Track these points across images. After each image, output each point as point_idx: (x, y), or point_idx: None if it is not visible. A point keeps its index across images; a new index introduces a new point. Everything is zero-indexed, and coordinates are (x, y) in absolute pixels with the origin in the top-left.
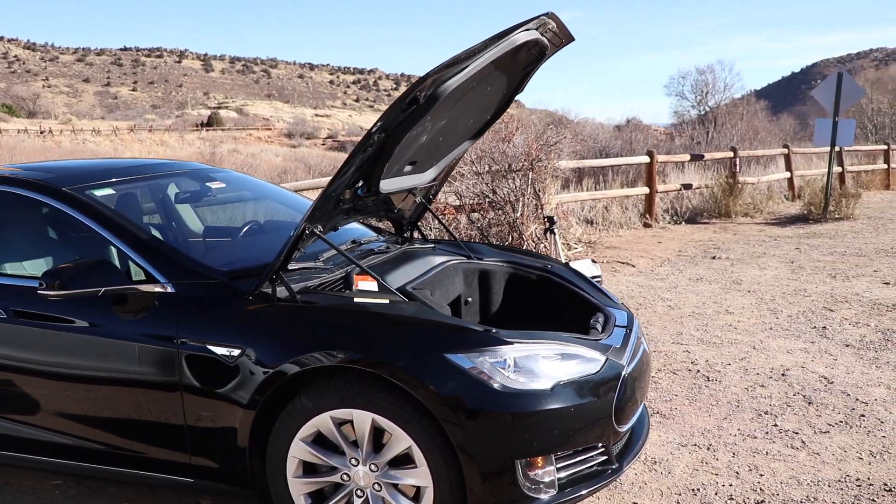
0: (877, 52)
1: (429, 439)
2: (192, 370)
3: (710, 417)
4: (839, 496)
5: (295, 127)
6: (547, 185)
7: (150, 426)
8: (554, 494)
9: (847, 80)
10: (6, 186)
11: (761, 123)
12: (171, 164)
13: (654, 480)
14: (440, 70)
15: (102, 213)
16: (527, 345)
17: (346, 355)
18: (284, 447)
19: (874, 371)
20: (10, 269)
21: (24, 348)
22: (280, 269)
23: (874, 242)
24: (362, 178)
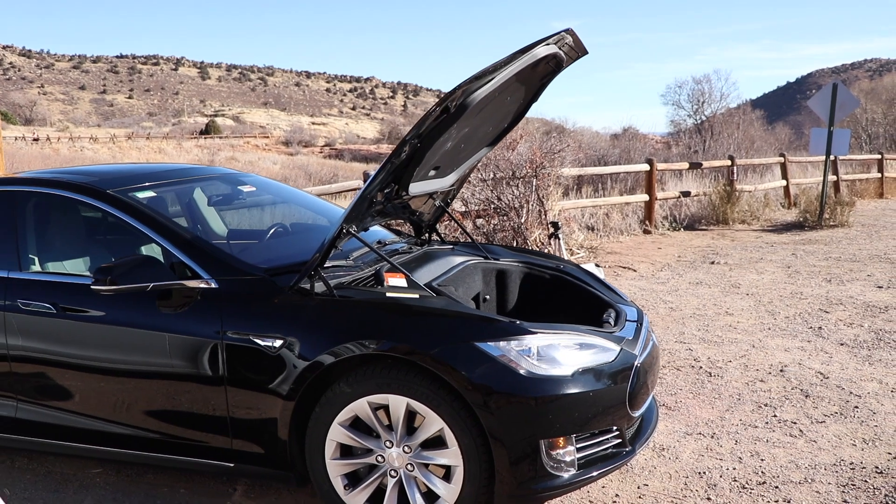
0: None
1: (460, 421)
2: (235, 360)
3: (713, 409)
4: (834, 478)
5: (292, 135)
6: (550, 192)
7: (194, 414)
8: (574, 473)
9: (842, 90)
10: (51, 189)
11: (757, 132)
12: (203, 168)
13: (662, 465)
14: (469, 82)
15: (146, 213)
16: (548, 335)
17: (383, 344)
18: (323, 431)
19: (867, 367)
20: (56, 268)
21: (72, 341)
22: (318, 266)
23: (868, 249)
24: (394, 181)
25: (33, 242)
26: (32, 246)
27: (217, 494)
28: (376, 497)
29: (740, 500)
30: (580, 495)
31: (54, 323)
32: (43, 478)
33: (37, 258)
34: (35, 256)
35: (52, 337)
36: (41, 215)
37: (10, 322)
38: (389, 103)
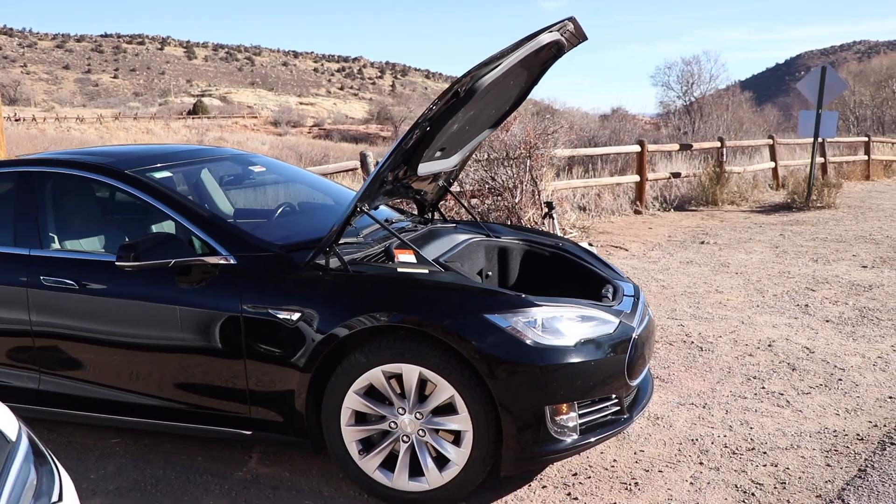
0: (860, 44)
1: (469, 389)
2: (254, 333)
3: (705, 381)
4: (819, 444)
5: (280, 115)
6: (544, 173)
7: (213, 385)
8: (576, 438)
9: (830, 73)
10: (69, 169)
11: (746, 114)
12: (214, 149)
13: (657, 433)
14: (478, 68)
15: (165, 192)
16: (552, 308)
17: (396, 316)
18: (339, 399)
19: (851, 343)
20: (76, 245)
21: (94, 316)
22: (334, 243)
23: (854, 230)
24: (404, 162)
25: (53, 221)
26: (52, 224)
27: (233, 461)
28: (389, 461)
29: (731, 465)
30: (580, 460)
31: (76, 298)
32: (64, 447)
33: (57, 236)
34: (55, 234)
35: (74, 311)
36: (60, 195)
37: (32, 298)
38: (378, 83)
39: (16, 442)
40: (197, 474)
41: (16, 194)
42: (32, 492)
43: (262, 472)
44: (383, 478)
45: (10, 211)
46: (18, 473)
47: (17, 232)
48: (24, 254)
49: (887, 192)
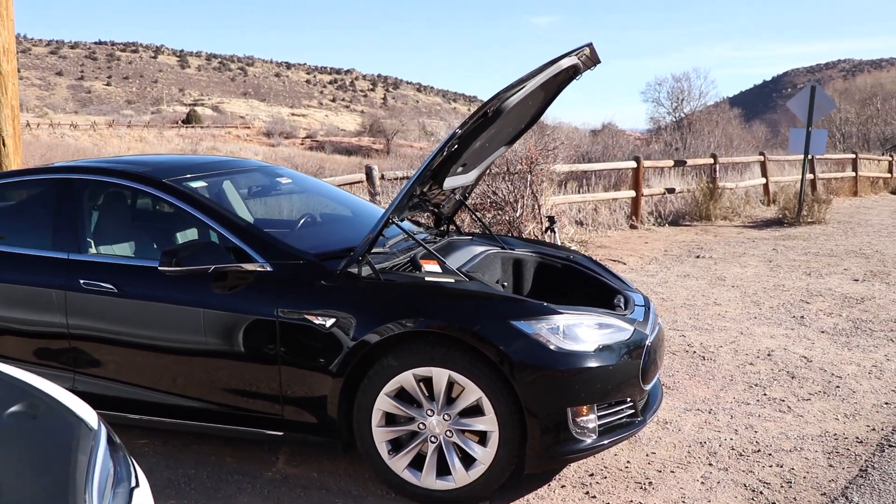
0: (845, 62)
1: (496, 391)
2: (289, 337)
3: (709, 389)
4: (820, 446)
5: (273, 126)
6: (544, 188)
7: (248, 387)
8: (595, 439)
9: (819, 92)
10: (107, 177)
11: (735, 130)
12: (242, 161)
13: (667, 436)
14: (505, 90)
15: (202, 201)
16: (573, 315)
17: (428, 322)
18: (371, 401)
19: (846, 352)
20: (113, 250)
21: (131, 319)
22: (367, 252)
23: (844, 244)
24: (432, 177)
25: (91, 227)
26: (91, 230)
27: (261, 462)
28: (416, 462)
29: (739, 466)
30: (595, 461)
31: (115, 301)
32: None
33: (96, 241)
34: (94, 240)
35: (111, 314)
36: (99, 202)
37: (70, 300)
38: (370, 96)
39: (97, 430)
40: (227, 474)
41: (54, 200)
42: (112, 479)
43: (290, 473)
44: (412, 477)
45: (48, 216)
46: (103, 461)
47: (55, 236)
48: (62, 258)
49: (875, 208)
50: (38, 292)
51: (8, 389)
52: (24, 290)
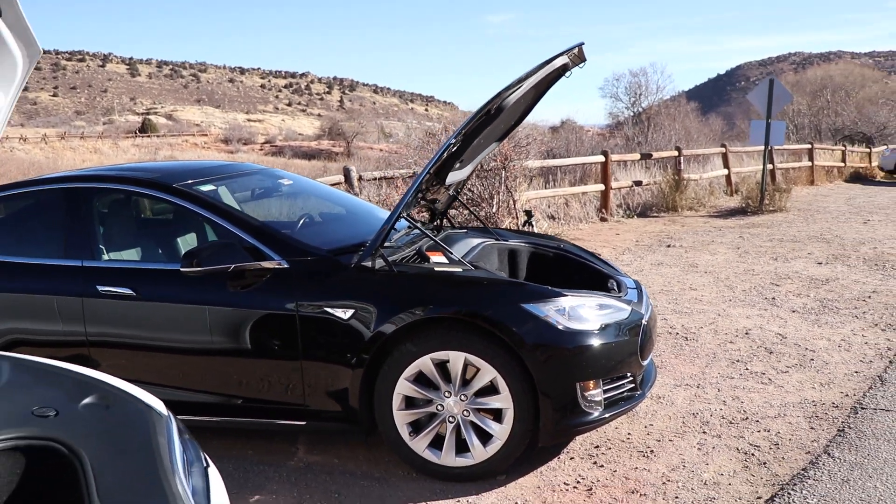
0: (795, 55)
1: (511, 371)
2: (310, 330)
3: (695, 366)
4: (801, 412)
5: (231, 132)
6: (518, 183)
7: (271, 380)
8: (601, 411)
9: (778, 85)
10: (116, 184)
11: (693, 124)
12: (244, 165)
13: (661, 409)
14: (506, 89)
15: (214, 204)
16: (576, 297)
17: (444, 309)
18: (391, 386)
19: (817, 329)
20: (128, 255)
21: (152, 320)
22: (380, 246)
23: (806, 231)
24: (436, 174)
25: (104, 234)
26: (103, 237)
27: (282, 453)
28: (436, 441)
29: (730, 432)
30: (598, 435)
31: (133, 305)
32: None
33: (110, 248)
34: (108, 246)
35: (130, 317)
36: (110, 209)
37: (88, 307)
38: (326, 99)
39: (167, 416)
40: (252, 465)
41: (65, 209)
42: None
43: (312, 461)
44: (432, 456)
45: (59, 225)
46: (179, 444)
47: (67, 245)
48: (76, 265)
49: (831, 196)
50: (53, 300)
51: (76, 384)
52: (39, 300)
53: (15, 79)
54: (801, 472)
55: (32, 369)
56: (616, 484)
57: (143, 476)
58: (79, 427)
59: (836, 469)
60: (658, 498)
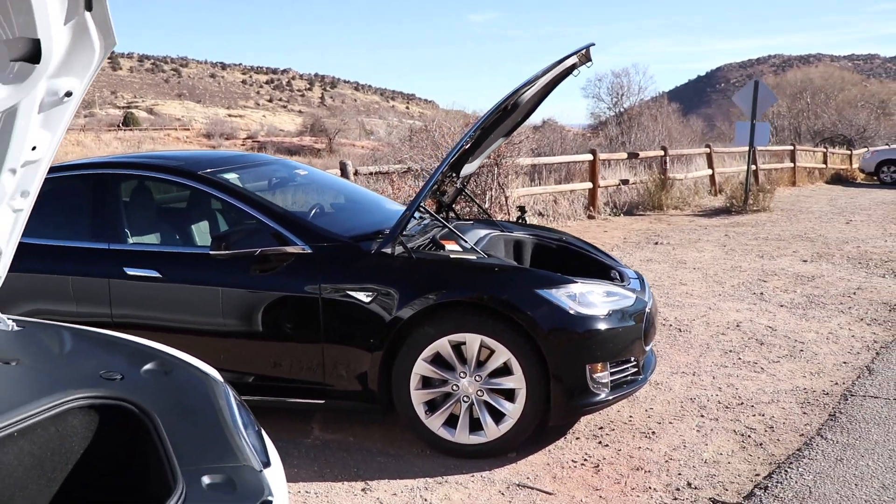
0: (775, 58)
1: (524, 352)
2: (331, 312)
3: (689, 356)
4: (794, 398)
5: (213, 127)
6: (510, 180)
7: (293, 360)
8: (608, 392)
9: (762, 87)
10: (143, 171)
11: (674, 125)
12: (262, 156)
13: (660, 395)
14: (522, 86)
15: (239, 191)
16: (585, 285)
17: (461, 293)
18: (409, 366)
19: (804, 322)
20: (155, 239)
21: (178, 301)
22: (400, 233)
23: (790, 230)
24: (452, 166)
25: (131, 218)
26: (129, 221)
27: (298, 431)
28: (450, 420)
29: (727, 416)
30: (602, 417)
31: (159, 287)
32: None
33: (137, 231)
34: (134, 230)
35: (156, 299)
36: (137, 194)
37: (114, 288)
38: (307, 95)
39: (223, 382)
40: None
41: (93, 194)
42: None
43: (328, 439)
44: (447, 434)
45: (86, 209)
46: (236, 406)
47: (94, 228)
48: (103, 248)
49: (813, 197)
50: (80, 281)
51: (136, 351)
52: (66, 280)
53: (91, 67)
54: (796, 452)
55: (93, 338)
56: (621, 462)
57: (209, 434)
58: (144, 389)
59: (829, 449)
60: (662, 475)
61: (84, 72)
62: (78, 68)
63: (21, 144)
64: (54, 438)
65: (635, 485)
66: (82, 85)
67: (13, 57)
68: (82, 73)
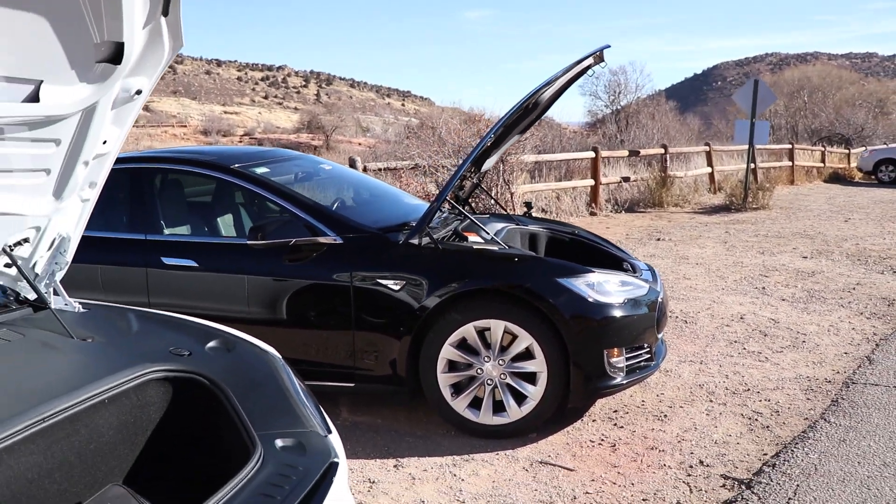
0: (772, 56)
1: (545, 337)
2: (362, 300)
3: (696, 346)
4: (797, 385)
5: (210, 124)
6: (515, 176)
7: (324, 344)
8: (623, 377)
9: (762, 86)
10: (178, 165)
11: (671, 123)
12: (287, 151)
13: (670, 381)
14: (543, 86)
15: (271, 184)
16: (602, 274)
17: (487, 282)
18: (436, 351)
19: (806, 315)
20: (190, 230)
21: (213, 289)
22: (427, 225)
23: (789, 227)
24: (475, 162)
25: (167, 210)
26: (165, 212)
27: (327, 414)
28: (473, 402)
29: (734, 401)
30: (615, 401)
31: (195, 276)
32: None
33: (173, 223)
34: (171, 221)
35: (193, 287)
36: (172, 187)
37: (151, 276)
38: (302, 92)
39: (282, 359)
40: None
41: (129, 187)
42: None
43: (357, 421)
44: (471, 415)
45: (123, 202)
46: (296, 380)
47: (131, 220)
48: (140, 238)
49: (811, 195)
50: (118, 270)
51: (198, 330)
52: (104, 270)
53: (159, 67)
54: (801, 434)
55: (156, 318)
56: (636, 441)
57: (275, 403)
58: (212, 364)
59: (833, 431)
60: (675, 454)
61: (153, 71)
62: (148, 68)
63: (95, 139)
64: (136, 407)
65: (651, 462)
66: (150, 83)
67: (98, 59)
68: (151, 72)
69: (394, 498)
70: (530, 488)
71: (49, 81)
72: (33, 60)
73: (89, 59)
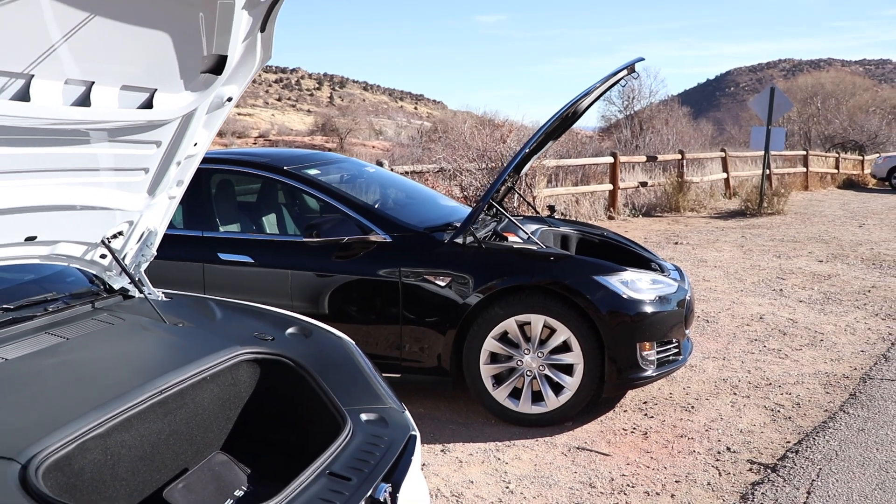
0: (785, 62)
1: (582, 331)
2: (410, 295)
3: (718, 343)
4: (817, 380)
5: (225, 125)
6: (537, 181)
7: (373, 336)
8: (654, 369)
9: (779, 93)
10: (233, 167)
11: (685, 128)
12: (332, 154)
13: (695, 376)
14: (581, 96)
15: (323, 185)
16: (634, 273)
17: (528, 278)
18: (479, 343)
19: (823, 316)
20: (245, 228)
21: (267, 284)
22: (472, 225)
23: (805, 232)
24: (516, 168)
25: (221, 208)
26: (221, 211)
27: None
28: (513, 392)
29: (757, 394)
30: (645, 393)
31: (251, 271)
32: None
33: (229, 220)
34: (227, 219)
35: (248, 281)
36: (228, 186)
37: (208, 271)
38: (315, 95)
39: (355, 343)
40: None
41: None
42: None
43: None
44: (511, 404)
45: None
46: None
47: (188, 217)
48: (198, 235)
49: (826, 201)
50: (176, 266)
51: (277, 318)
52: (163, 265)
53: (249, 76)
54: (822, 424)
55: (237, 307)
56: (666, 430)
57: (355, 383)
58: (295, 348)
59: (851, 422)
60: (703, 441)
61: (243, 80)
62: (240, 78)
63: (189, 141)
64: (231, 385)
65: (681, 449)
66: (239, 91)
67: (203, 69)
68: (242, 81)
69: (444, 478)
70: (570, 471)
71: (161, 90)
72: (151, 71)
73: (196, 70)
